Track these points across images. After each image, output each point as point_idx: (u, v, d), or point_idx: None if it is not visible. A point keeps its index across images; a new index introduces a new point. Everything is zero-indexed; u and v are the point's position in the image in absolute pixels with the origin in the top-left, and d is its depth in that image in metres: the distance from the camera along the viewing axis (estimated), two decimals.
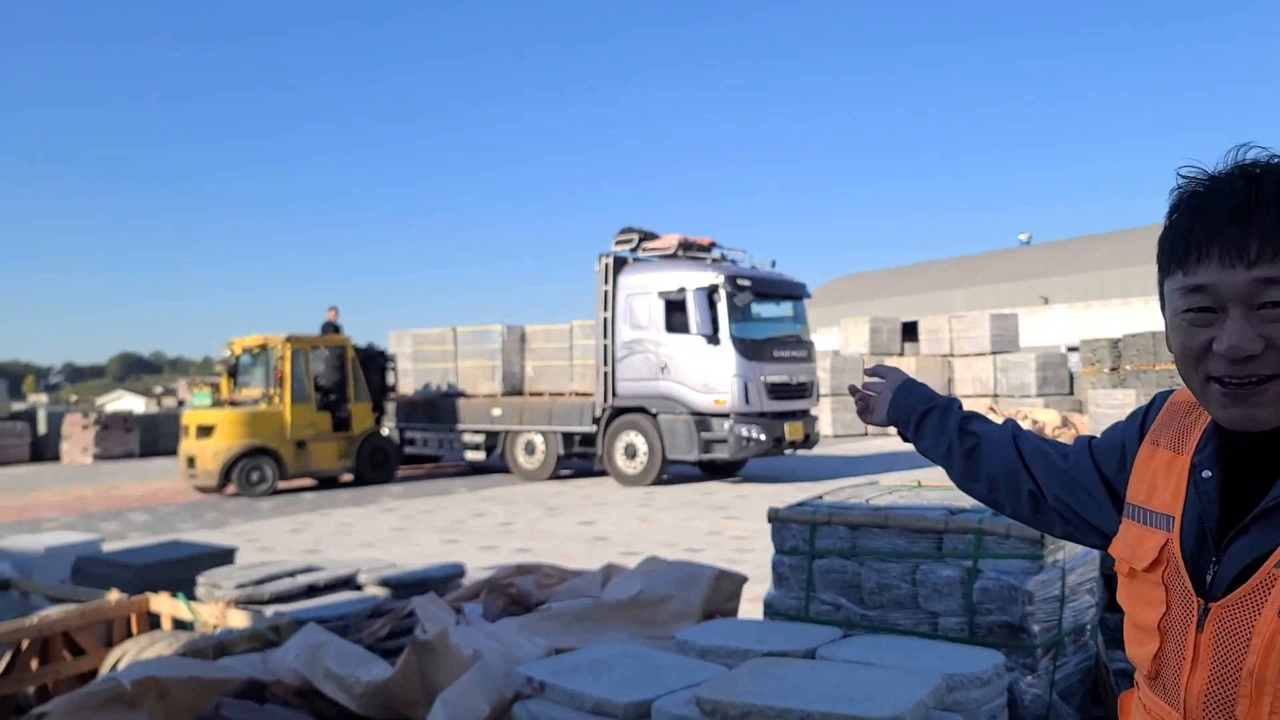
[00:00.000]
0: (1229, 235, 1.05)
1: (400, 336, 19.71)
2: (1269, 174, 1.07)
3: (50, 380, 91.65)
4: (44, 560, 6.31)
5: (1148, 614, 1.16)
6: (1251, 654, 1.03)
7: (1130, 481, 1.27)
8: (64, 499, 16.07)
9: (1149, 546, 1.18)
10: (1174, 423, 1.25)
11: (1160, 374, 19.91)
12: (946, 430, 1.56)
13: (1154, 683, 1.17)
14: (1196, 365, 1.11)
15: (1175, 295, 1.12)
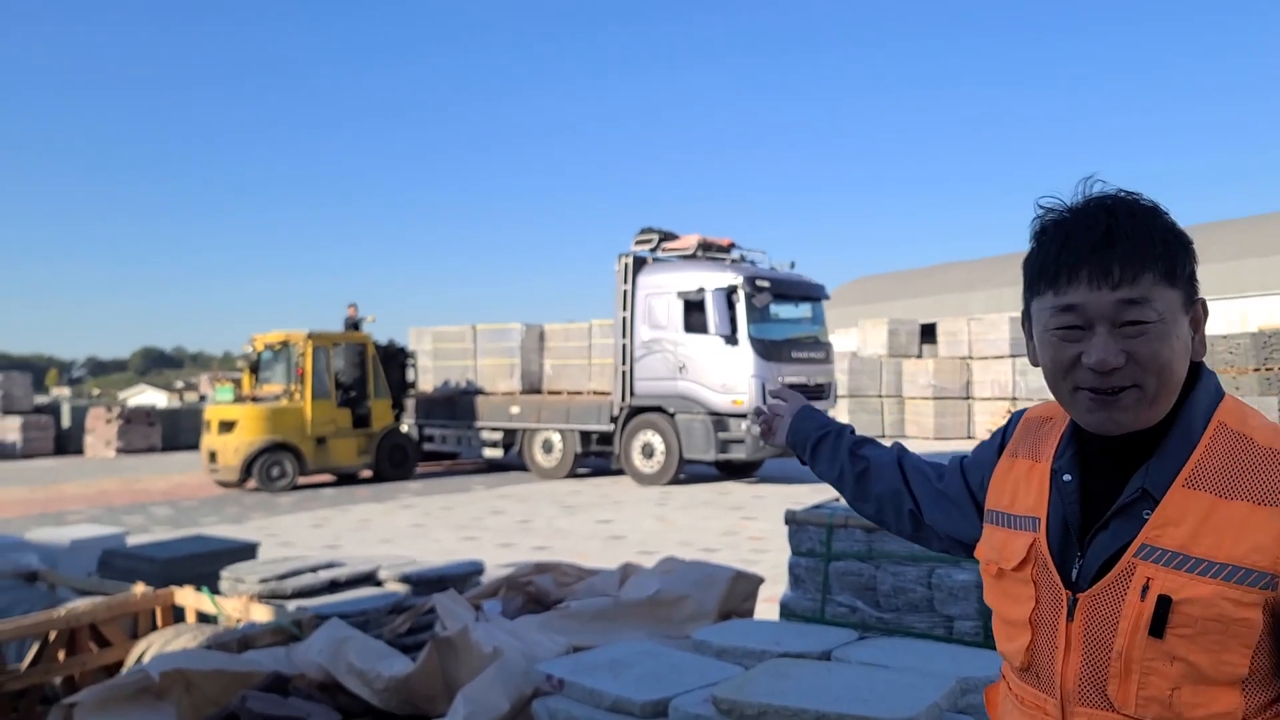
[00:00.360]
0: (1095, 261, 1.17)
1: (421, 333, 19.82)
2: (1123, 207, 1.20)
3: (74, 374, 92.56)
4: (70, 553, 6.41)
5: (1017, 610, 1.27)
6: (1119, 636, 1.15)
7: (989, 491, 1.40)
8: (88, 492, 16.26)
9: (1017, 547, 1.29)
10: (1029, 435, 1.38)
11: None
12: (839, 455, 1.67)
13: (1026, 674, 1.27)
14: (1065, 376, 1.22)
15: (1046, 313, 1.23)
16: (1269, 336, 19.59)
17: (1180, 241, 1.22)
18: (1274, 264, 30.84)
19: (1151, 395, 1.18)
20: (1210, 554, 1.12)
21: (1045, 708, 1.23)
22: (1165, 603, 1.12)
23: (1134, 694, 1.14)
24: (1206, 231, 37.04)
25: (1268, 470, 1.15)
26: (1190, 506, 1.16)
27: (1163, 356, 1.17)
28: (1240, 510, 1.14)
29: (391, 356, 18.45)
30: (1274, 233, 33.28)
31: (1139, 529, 1.17)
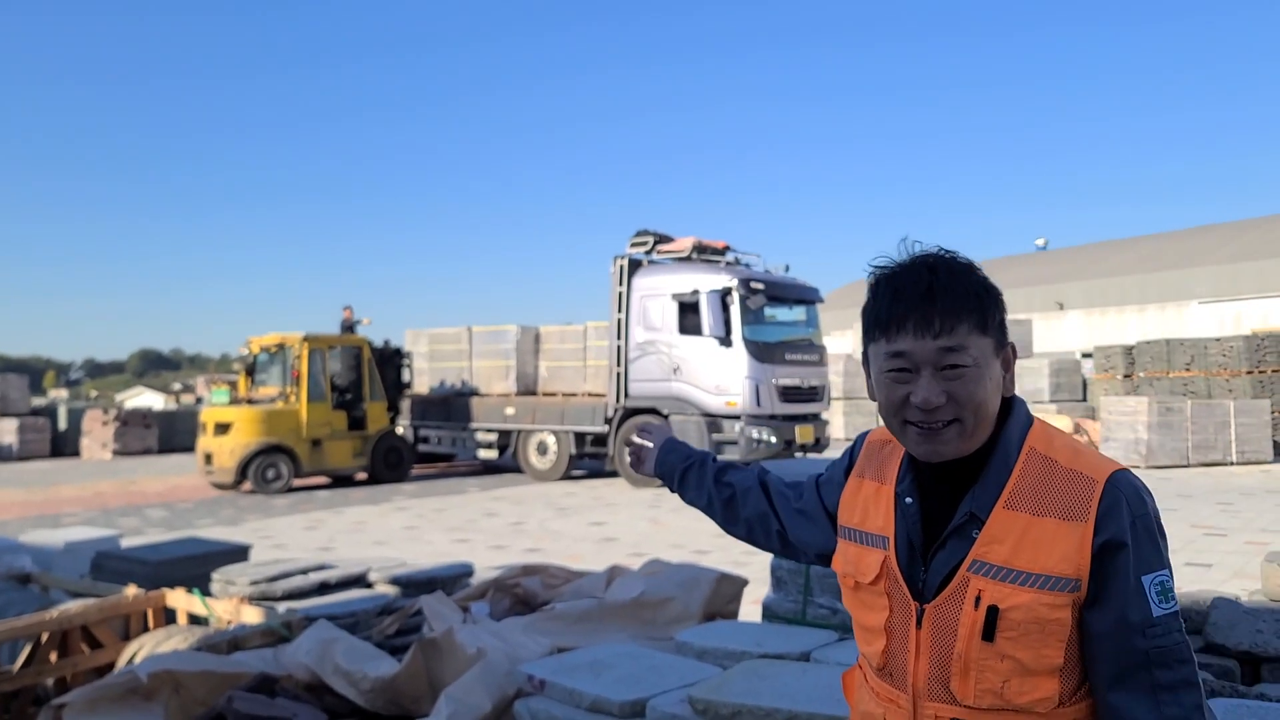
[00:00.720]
0: (920, 313, 1.34)
1: (417, 336, 19.87)
2: (943, 265, 1.37)
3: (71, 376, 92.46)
4: (64, 555, 6.45)
5: (873, 618, 1.44)
6: (959, 641, 1.33)
7: (841, 509, 1.57)
8: (84, 494, 16.30)
9: (870, 563, 1.46)
10: (873, 458, 1.55)
11: (1173, 381, 19.86)
12: (705, 483, 1.79)
13: (883, 673, 1.44)
14: (896, 413, 1.38)
15: (879, 357, 1.39)
16: (1262, 339, 19.66)
17: (991, 295, 1.38)
18: (1269, 267, 30.90)
19: (969, 429, 1.35)
20: (1029, 566, 1.31)
21: (899, 702, 1.41)
22: (993, 612, 1.31)
23: (973, 688, 1.33)
24: (1201, 235, 37.13)
25: (1070, 489, 1.34)
26: (1010, 525, 1.33)
27: (978, 396, 1.34)
28: (1050, 526, 1.32)
29: (387, 358, 18.50)
30: (1269, 236, 33.35)
31: (970, 547, 1.34)
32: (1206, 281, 32.25)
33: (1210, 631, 3.76)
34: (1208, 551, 8.79)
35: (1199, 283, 32.38)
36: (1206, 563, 8.29)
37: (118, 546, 6.62)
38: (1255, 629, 3.67)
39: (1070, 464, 1.36)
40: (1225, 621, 3.74)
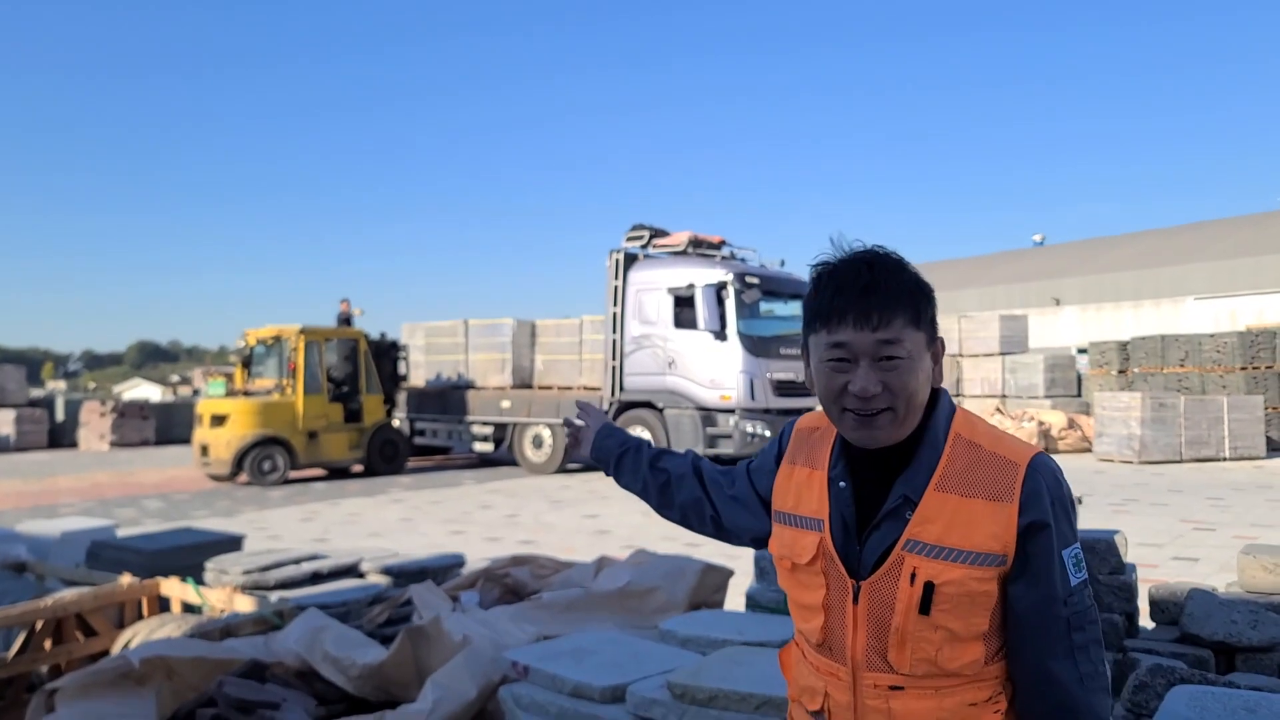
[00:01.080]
0: (859, 307, 1.43)
1: (413, 329, 19.92)
2: (880, 263, 1.47)
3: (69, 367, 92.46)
4: (60, 544, 6.51)
5: (811, 596, 1.53)
6: (896, 615, 1.43)
7: (774, 494, 1.65)
8: (81, 485, 16.35)
9: (806, 544, 1.54)
10: (804, 445, 1.63)
11: (1167, 377, 19.94)
12: (640, 468, 1.85)
13: (822, 648, 1.53)
14: (835, 400, 1.47)
15: (820, 348, 1.48)
16: (1256, 335, 19.74)
17: (924, 292, 1.48)
18: (1265, 263, 30.95)
19: (901, 417, 1.45)
20: (959, 544, 1.42)
21: (839, 675, 1.50)
22: (930, 587, 1.41)
23: (909, 658, 1.44)
24: (1198, 231, 37.18)
25: (995, 472, 1.45)
26: (941, 507, 1.44)
27: (911, 386, 1.44)
28: (978, 507, 1.43)
29: (383, 351, 18.55)
30: (1265, 232, 33.40)
31: (904, 527, 1.44)
32: (1202, 278, 32.32)
33: (1186, 622, 3.82)
34: (1195, 546, 8.86)
35: (1195, 279, 32.45)
36: (1194, 557, 8.36)
37: (113, 536, 6.68)
38: (1230, 619, 3.74)
39: (994, 448, 1.48)
40: (1201, 612, 3.80)
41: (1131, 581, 4.27)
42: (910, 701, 1.45)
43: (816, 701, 1.54)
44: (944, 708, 1.44)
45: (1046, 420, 19.34)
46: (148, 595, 5.11)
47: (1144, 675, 3.08)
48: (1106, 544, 4.26)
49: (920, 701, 1.44)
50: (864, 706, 1.47)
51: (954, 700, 1.45)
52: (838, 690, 1.50)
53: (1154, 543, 9.07)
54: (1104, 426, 17.50)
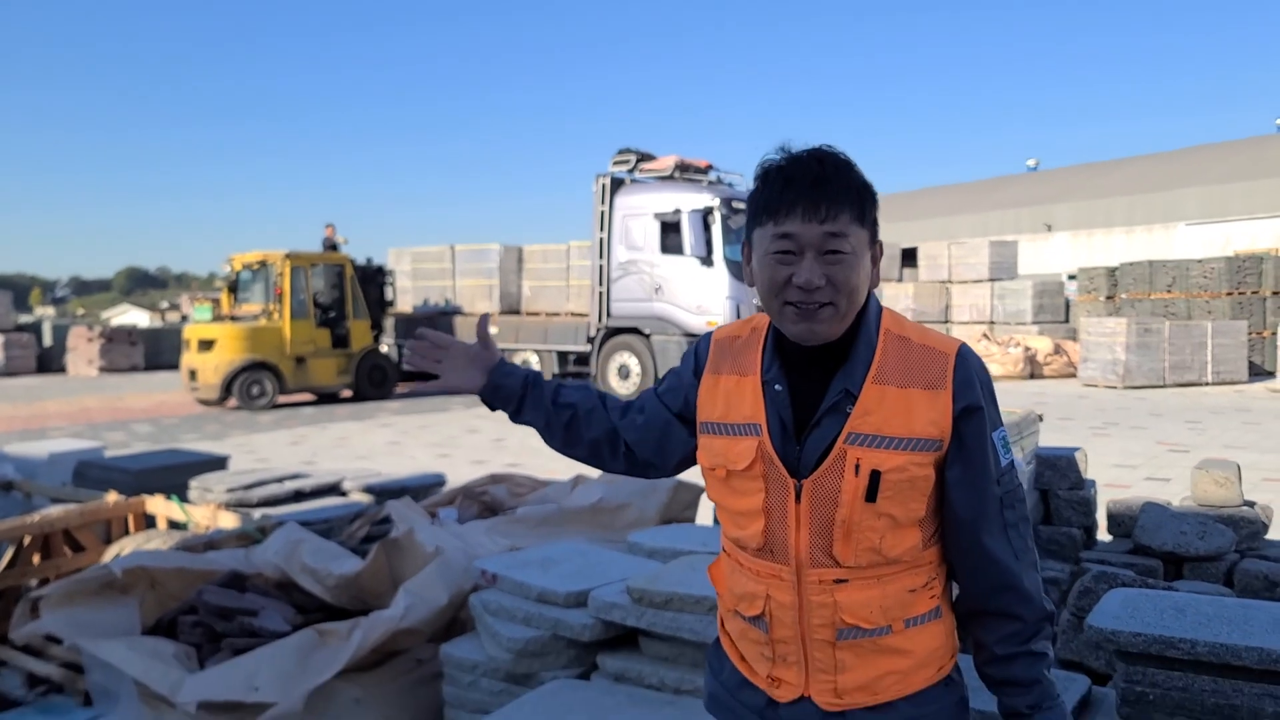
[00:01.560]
0: (809, 199, 1.45)
1: (400, 254, 19.86)
2: (830, 159, 1.48)
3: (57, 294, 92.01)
4: (48, 465, 6.61)
5: (748, 502, 1.55)
6: (842, 507, 1.48)
7: (700, 408, 1.64)
8: (70, 409, 16.45)
9: (742, 450, 1.54)
10: (727, 354, 1.63)
11: (1154, 303, 20.02)
12: (543, 404, 1.76)
13: (762, 552, 1.55)
14: (778, 293, 1.49)
15: (766, 239, 1.49)
16: (1243, 261, 19.78)
17: (869, 191, 1.51)
18: (1258, 188, 30.85)
19: (842, 312, 1.48)
20: (899, 432, 1.47)
21: (780, 575, 1.53)
22: (876, 475, 1.46)
23: (853, 549, 1.49)
24: (1191, 156, 36.95)
25: (927, 363, 1.51)
26: (880, 398, 1.49)
27: (853, 281, 1.47)
28: (915, 395, 1.49)
29: (370, 276, 18.52)
30: (1258, 157, 33.21)
31: (844, 421, 1.48)
32: (1195, 203, 32.23)
33: (1138, 534, 3.95)
34: (1169, 467, 9.03)
35: (1188, 204, 32.35)
36: (1166, 477, 8.53)
37: (100, 457, 6.77)
38: (1179, 530, 3.87)
39: (922, 341, 1.54)
40: (1152, 524, 3.93)
41: (1090, 497, 4.40)
42: (854, 593, 1.49)
43: (757, 606, 1.56)
44: (886, 595, 1.50)
45: (1032, 346, 19.47)
46: (134, 512, 5.22)
47: (1088, 582, 3.20)
48: (1067, 461, 4.38)
49: (863, 591, 1.49)
50: (808, 603, 1.50)
51: (894, 587, 1.51)
52: (780, 591, 1.52)
53: (1129, 464, 9.25)
54: (1089, 352, 17.63)
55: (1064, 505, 4.35)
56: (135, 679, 3.17)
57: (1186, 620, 2.39)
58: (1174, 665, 2.33)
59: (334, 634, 3.21)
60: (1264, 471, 8.59)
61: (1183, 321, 18.09)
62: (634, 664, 2.83)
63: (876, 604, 1.50)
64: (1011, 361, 18.84)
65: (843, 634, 1.50)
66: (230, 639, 3.35)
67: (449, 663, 3.15)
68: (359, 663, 3.18)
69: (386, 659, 3.32)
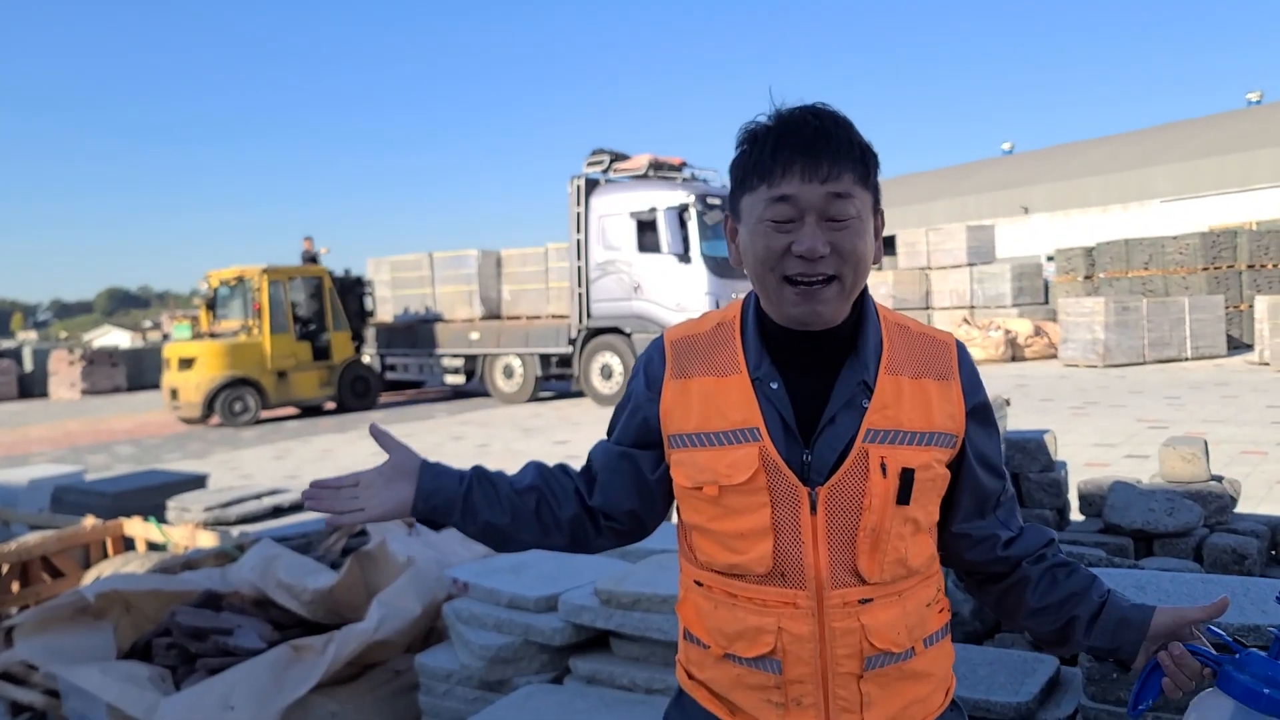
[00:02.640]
0: (808, 157, 1.27)
1: (378, 264, 19.81)
2: (827, 115, 1.31)
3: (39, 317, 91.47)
4: (28, 491, 6.57)
5: (751, 520, 1.32)
6: (870, 513, 1.30)
7: (668, 419, 1.39)
8: (53, 434, 16.35)
9: (738, 460, 1.32)
10: (690, 354, 1.40)
11: (1132, 281, 20.15)
12: (499, 497, 1.46)
13: (770, 578, 1.32)
14: (775, 266, 1.30)
15: (760, 205, 1.30)
16: (1218, 236, 19.92)
17: (870, 151, 1.33)
18: (1227, 162, 31.07)
19: (849, 288, 1.31)
20: (920, 426, 1.33)
21: (797, 601, 1.31)
22: (909, 474, 1.30)
23: (880, 562, 1.31)
24: (1162, 133, 37.20)
25: (933, 352, 1.39)
26: (896, 390, 1.33)
27: (860, 250, 1.30)
28: (931, 387, 1.36)
29: (349, 287, 18.47)
30: (1227, 132, 33.44)
31: (861, 417, 1.31)
32: (1168, 180, 32.45)
33: (1108, 513, 3.98)
34: (1148, 444, 9.10)
35: (1160, 182, 32.57)
36: (1145, 454, 8.59)
37: (80, 481, 6.74)
38: (1148, 508, 3.90)
39: (919, 330, 1.42)
40: (1121, 502, 3.96)
41: (1061, 478, 4.43)
42: (879, 613, 1.31)
43: (764, 644, 1.32)
44: (908, 612, 1.34)
45: (1013, 329, 19.58)
46: (112, 535, 5.20)
47: None
48: (1036, 443, 4.40)
49: (888, 610, 1.32)
50: (830, 631, 1.30)
51: (914, 602, 1.35)
52: (796, 621, 1.31)
53: (1109, 443, 9.31)
54: (1069, 332, 17.74)
55: (1035, 488, 4.38)
56: (110, 704, 3.16)
57: (1147, 597, 2.42)
58: None
59: (309, 649, 3.21)
60: (1242, 444, 8.67)
61: (1160, 298, 18.22)
62: (605, 665, 2.85)
63: (901, 623, 1.33)
64: (993, 345, 18.94)
65: (871, 662, 1.31)
66: (205, 659, 3.35)
67: (424, 672, 3.16)
68: (335, 676, 3.18)
69: (363, 671, 3.33)
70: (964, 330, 19.73)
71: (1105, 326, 17.03)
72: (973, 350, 18.88)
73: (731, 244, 1.40)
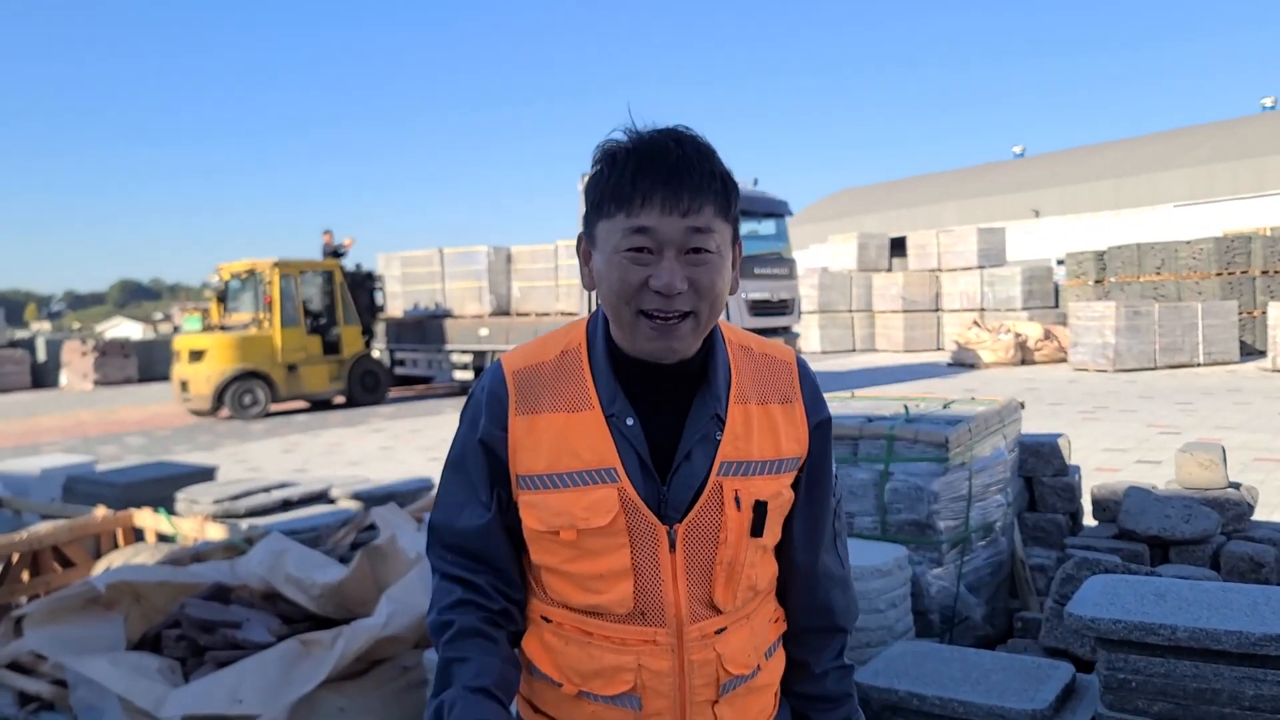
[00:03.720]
0: (669, 188, 1.21)
1: (389, 259, 19.83)
2: (689, 142, 1.25)
3: (52, 308, 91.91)
4: (39, 481, 6.59)
5: (609, 561, 1.28)
6: (726, 546, 1.29)
7: (515, 458, 1.31)
8: (64, 424, 16.40)
9: (597, 501, 1.26)
10: (534, 387, 1.32)
11: (1144, 285, 20.06)
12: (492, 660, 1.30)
13: (630, 618, 1.29)
14: (630, 300, 1.24)
15: (616, 235, 1.24)
16: (1231, 241, 19.82)
17: (731, 181, 1.28)
18: (1242, 168, 30.92)
19: (703, 323, 1.27)
20: (769, 454, 1.32)
21: (656, 639, 1.29)
22: (762, 507, 1.31)
23: (734, 591, 1.32)
24: (1176, 138, 37.01)
25: (774, 374, 1.37)
26: (745, 419, 1.32)
27: (717, 287, 1.26)
28: (776, 412, 1.35)
29: (359, 282, 18.48)
30: (1243, 137, 33.25)
31: (715, 450, 1.29)
32: (1182, 185, 32.29)
33: (1123, 519, 3.95)
34: (1159, 450, 9.05)
35: (1174, 186, 32.41)
36: (1157, 460, 8.55)
37: (91, 471, 6.76)
38: (1164, 514, 3.87)
39: (761, 350, 1.39)
40: (1136, 508, 3.93)
41: (1074, 483, 4.41)
42: (732, 639, 1.33)
43: (624, 682, 1.30)
44: (754, 632, 1.36)
45: (1023, 332, 19.50)
46: (122, 526, 5.20)
47: (1070, 569, 3.20)
48: (1050, 447, 4.38)
49: (739, 635, 1.34)
50: (690, 664, 1.30)
51: (759, 621, 1.38)
52: (656, 658, 1.29)
53: (1119, 448, 9.26)
54: (1079, 336, 17.66)
55: (1048, 492, 4.36)
56: (119, 695, 3.15)
57: (1167, 605, 2.39)
58: (1155, 651, 2.33)
59: (317, 643, 3.20)
60: (1255, 451, 8.61)
61: (1173, 303, 18.13)
62: None
63: (750, 644, 1.35)
64: (1002, 348, 18.87)
65: (725, 687, 1.32)
66: (214, 652, 3.34)
67: (432, 669, 3.14)
68: (343, 672, 3.17)
69: (371, 667, 3.31)
70: (974, 333, 19.67)
71: (1116, 331, 16.96)
72: (982, 353, 18.84)
73: (585, 267, 1.33)
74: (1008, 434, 4.05)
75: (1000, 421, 3.97)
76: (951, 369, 18.95)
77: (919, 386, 15.23)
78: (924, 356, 22.46)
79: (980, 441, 3.76)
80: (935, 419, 3.74)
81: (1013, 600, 4.04)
